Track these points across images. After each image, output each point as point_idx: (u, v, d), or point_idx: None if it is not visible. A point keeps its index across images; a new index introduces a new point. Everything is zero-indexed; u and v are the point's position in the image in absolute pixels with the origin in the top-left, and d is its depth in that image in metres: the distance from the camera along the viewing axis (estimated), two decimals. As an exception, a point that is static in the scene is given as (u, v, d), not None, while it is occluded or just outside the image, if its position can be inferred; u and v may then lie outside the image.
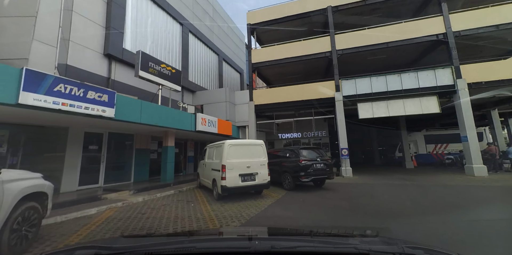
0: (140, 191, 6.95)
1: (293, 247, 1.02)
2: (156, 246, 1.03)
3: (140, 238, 1.42)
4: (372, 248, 0.91)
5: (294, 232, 1.74)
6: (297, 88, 11.98)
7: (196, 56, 13.39)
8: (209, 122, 9.48)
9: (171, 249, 0.96)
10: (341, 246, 1.05)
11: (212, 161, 6.48)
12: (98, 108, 5.18)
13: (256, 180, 5.68)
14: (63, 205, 5.06)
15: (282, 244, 1.04)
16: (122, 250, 0.91)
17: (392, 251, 0.86)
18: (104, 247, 0.95)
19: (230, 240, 1.26)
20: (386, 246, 1.01)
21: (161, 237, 1.44)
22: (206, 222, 3.91)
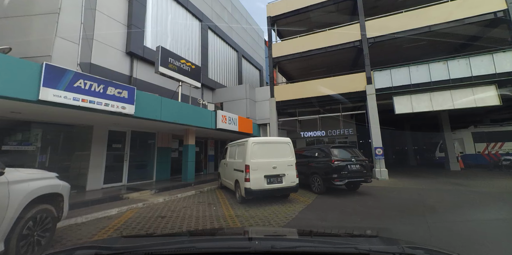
0: (161, 190, 6.76)
1: (293, 247, 1.01)
2: (156, 246, 1.02)
3: (140, 238, 1.38)
4: (372, 248, 0.90)
5: (294, 232, 1.74)
6: (322, 83, 11.05)
7: (215, 53, 13.13)
8: (229, 120, 9.08)
9: (171, 249, 0.94)
10: (341, 246, 1.04)
11: (234, 160, 6.01)
12: (118, 105, 4.99)
13: (283, 182, 5.07)
14: (86, 204, 4.97)
15: (282, 244, 1.03)
16: (122, 250, 0.90)
17: (392, 251, 0.85)
18: (104, 247, 0.94)
19: (230, 240, 1.24)
20: (386, 246, 1.00)
21: (161, 237, 1.41)
22: (230, 231, 3.41)
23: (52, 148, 6.05)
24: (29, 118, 5.48)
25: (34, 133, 5.74)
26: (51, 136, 6.11)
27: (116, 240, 1.24)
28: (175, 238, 1.31)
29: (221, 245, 1.07)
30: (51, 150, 5.99)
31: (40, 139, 5.87)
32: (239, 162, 5.44)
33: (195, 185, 8.03)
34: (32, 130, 5.72)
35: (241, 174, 5.13)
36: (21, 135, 5.53)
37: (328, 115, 11.25)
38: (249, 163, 4.94)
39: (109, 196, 5.58)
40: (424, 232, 3.17)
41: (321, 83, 11.07)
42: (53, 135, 6.16)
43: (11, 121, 5.31)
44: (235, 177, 5.58)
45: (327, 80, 11.02)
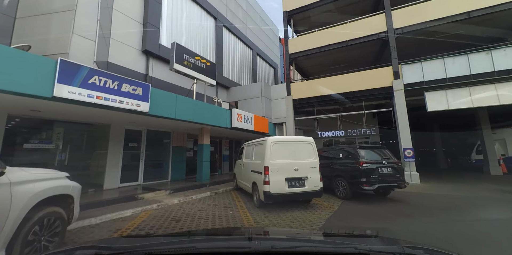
0: (176, 191, 6.57)
1: (293, 247, 0.99)
2: (156, 246, 1.01)
3: (140, 238, 1.37)
4: (372, 248, 0.89)
5: (294, 232, 1.76)
6: (343, 79, 10.34)
7: (229, 51, 12.90)
8: (245, 118, 8.74)
9: (171, 249, 0.93)
10: (341, 246, 1.03)
11: (251, 161, 5.64)
12: (132, 102, 4.83)
13: (305, 186, 4.59)
14: (102, 204, 4.86)
15: (282, 244, 1.02)
16: (122, 250, 0.89)
17: (392, 251, 0.84)
18: (104, 247, 0.93)
19: (230, 240, 1.21)
20: (386, 246, 1.00)
21: (161, 237, 1.39)
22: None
23: (72, 146, 6.09)
24: (49, 117, 5.53)
25: (54, 132, 5.80)
26: (71, 135, 6.15)
27: (116, 240, 1.21)
28: (175, 238, 1.29)
29: (221, 245, 1.05)
30: (70, 148, 6.03)
31: (60, 138, 5.93)
32: (257, 163, 5.05)
33: (210, 185, 7.78)
34: (52, 129, 5.78)
35: (259, 176, 4.74)
36: (42, 133, 5.60)
37: (349, 114, 10.51)
38: (268, 164, 4.53)
39: (124, 196, 5.47)
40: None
41: (341, 79, 10.37)
42: (73, 133, 6.21)
43: (32, 120, 5.38)
44: (253, 179, 5.20)
45: (349, 76, 10.29)
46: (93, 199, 5.11)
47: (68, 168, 5.92)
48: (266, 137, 4.91)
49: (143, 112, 5.11)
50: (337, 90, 10.32)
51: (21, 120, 5.17)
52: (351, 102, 10.65)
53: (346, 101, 10.48)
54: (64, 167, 5.84)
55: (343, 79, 10.33)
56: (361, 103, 10.61)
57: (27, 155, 5.20)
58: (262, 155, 4.76)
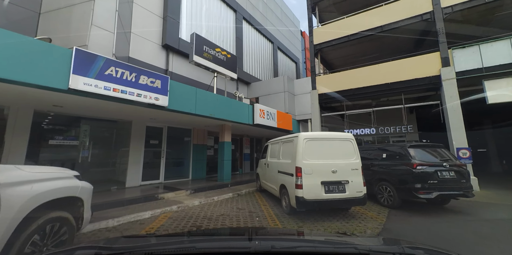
0: (197, 191, 6.21)
1: (293, 247, 0.99)
2: (156, 246, 1.00)
3: (140, 238, 1.33)
4: (372, 248, 0.89)
5: (294, 232, 1.71)
6: (377, 69, 9.16)
7: (250, 45, 12.35)
8: (267, 114, 8.13)
9: (171, 249, 0.92)
10: (341, 246, 1.02)
11: (277, 160, 5.01)
12: (150, 96, 4.49)
13: (346, 192, 3.83)
14: (122, 203, 4.62)
15: (282, 244, 1.01)
16: (122, 250, 0.87)
17: (392, 251, 0.83)
18: (104, 247, 0.93)
19: (230, 240, 1.20)
20: (386, 246, 0.99)
21: (161, 237, 1.35)
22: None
23: (95, 143, 6.03)
24: (73, 114, 5.48)
25: (79, 128, 5.76)
26: (95, 132, 6.10)
27: (116, 240, 1.16)
28: (175, 238, 1.27)
29: (221, 245, 1.03)
30: (93, 145, 5.97)
31: (86, 135, 5.89)
32: (286, 163, 4.40)
33: (231, 186, 7.33)
34: (76, 126, 5.74)
35: (290, 178, 4.09)
36: (67, 130, 5.58)
37: (386, 109, 9.29)
38: (301, 164, 3.86)
39: (144, 195, 5.20)
40: None
41: (375, 70, 9.20)
42: (97, 130, 6.15)
43: (58, 117, 5.36)
44: (281, 181, 4.56)
45: (384, 67, 9.09)
46: (114, 197, 4.91)
47: (91, 164, 5.87)
48: (296, 133, 4.23)
49: (162, 106, 4.76)
50: (370, 82, 9.19)
51: (47, 116, 5.16)
52: (387, 95, 9.43)
53: (380, 94, 9.30)
54: (88, 164, 5.78)
55: (378, 70, 9.15)
56: (398, 97, 9.34)
57: (52, 151, 5.18)
58: (293, 154, 4.09)
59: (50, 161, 5.12)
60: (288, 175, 4.20)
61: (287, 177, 4.24)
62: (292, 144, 4.26)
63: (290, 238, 1.32)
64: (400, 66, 8.71)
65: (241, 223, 3.74)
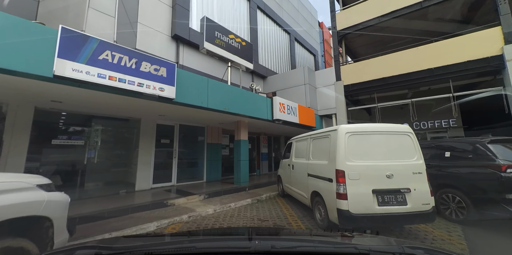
0: (211, 195, 5.49)
1: (293, 247, 0.99)
2: (156, 246, 0.99)
3: (140, 238, 1.30)
4: (372, 248, 0.88)
5: (294, 232, 1.71)
6: (418, 53, 7.80)
7: (265, 36, 11.47)
8: (288, 109, 7.20)
9: (171, 249, 0.92)
10: (341, 246, 1.03)
11: (306, 161, 4.09)
12: (154, 86, 3.81)
13: (407, 204, 2.82)
14: (127, 211, 4.02)
15: (282, 244, 1.01)
16: (122, 250, 0.87)
17: (392, 251, 0.84)
18: (104, 247, 0.91)
19: (230, 240, 1.18)
20: (386, 246, 0.99)
21: (161, 237, 1.35)
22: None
23: (102, 142, 5.56)
24: (75, 111, 5.02)
25: (84, 127, 5.31)
26: (101, 130, 5.64)
27: (116, 240, 1.17)
28: (175, 238, 1.26)
29: (221, 245, 1.02)
30: (100, 145, 5.51)
31: (95, 134, 5.44)
32: (320, 164, 3.48)
33: (249, 189, 6.53)
34: (82, 124, 5.30)
35: (326, 184, 3.16)
36: (71, 128, 5.14)
37: (430, 99, 7.86)
38: (343, 167, 2.91)
39: (153, 201, 4.58)
40: None
41: (415, 54, 7.84)
42: (103, 129, 5.69)
43: (61, 114, 4.93)
44: (312, 187, 3.65)
45: (427, 49, 7.71)
46: (119, 203, 4.34)
47: (99, 166, 5.40)
48: (334, 126, 3.28)
49: (169, 99, 4.07)
50: (408, 68, 7.87)
51: (49, 114, 4.74)
52: (429, 83, 8.01)
53: (421, 83, 7.91)
54: (94, 165, 5.32)
55: (418, 53, 7.79)
56: (442, 85, 7.90)
57: (54, 152, 4.75)
58: (331, 153, 3.16)
59: (53, 162, 4.70)
60: (324, 180, 3.27)
61: (322, 183, 3.31)
62: (328, 140, 3.32)
63: (290, 238, 1.30)
64: (447, 47, 7.30)
65: (266, 243, 2.90)
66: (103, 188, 5.37)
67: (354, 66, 9.51)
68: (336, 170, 2.96)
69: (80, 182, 5.08)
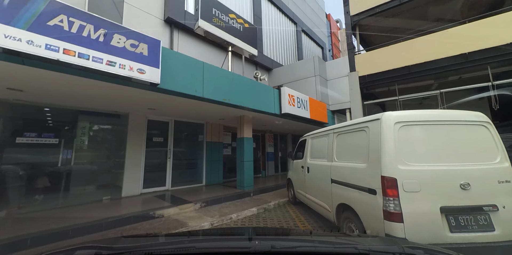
0: (209, 203, 4.62)
1: (293, 247, 0.98)
2: (156, 246, 0.99)
3: (140, 238, 1.26)
4: (372, 248, 0.88)
5: (294, 232, 1.72)
6: (447, 36, 6.73)
7: (270, 26, 10.53)
8: (298, 101, 6.27)
9: (171, 249, 0.92)
10: (341, 246, 1.02)
11: (330, 163, 3.17)
12: (131, 66, 2.94)
13: (495, 229, 1.87)
14: (99, 227, 3.18)
15: (282, 244, 1.00)
16: (122, 250, 0.88)
17: (392, 251, 0.84)
18: (104, 247, 0.91)
19: (230, 240, 1.17)
20: (386, 246, 0.99)
21: (161, 237, 1.28)
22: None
23: (81, 141, 4.75)
24: (44, 103, 4.21)
25: (58, 123, 4.50)
26: (80, 127, 4.82)
27: (116, 240, 1.11)
28: (175, 238, 1.25)
29: (221, 245, 1.01)
30: (79, 144, 4.69)
31: (67, 131, 4.63)
32: (354, 168, 2.54)
33: (254, 194, 5.63)
34: (54, 119, 4.49)
35: (364, 197, 2.24)
36: (41, 124, 4.34)
37: (463, 88, 6.77)
38: (395, 173, 1.98)
39: (136, 212, 3.72)
40: None
41: (444, 38, 6.78)
42: (83, 125, 4.87)
43: (27, 107, 4.13)
44: (340, 198, 2.72)
45: (458, 31, 6.64)
46: (94, 215, 3.50)
47: (77, 168, 4.58)
48: (375, 114, 2.33)
49: (152, 84, 3.19)
50: (435, 55, 6.82)
51: (13, 107, 3.94)
52: (461, 72, 6.94)
53: (452, 71, 6.84)
54: (71, 168, 4.51)
55: (446, 38, 6.72)
56: (477, 73, 6.82)
57: (19, 152, 3.94)
58: (373, 153, 2.22)
59: (16, 164, 3.89)
60: (359, 190, 2.35)
61: (357, 194, 2.38)
62: (366, 134, 2.39)
63: (290, 238, 1.28)
64: (485, 28, 6.22)
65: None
66: (82, 195, 4.56)
67: (371, 54, 8.47)
68: (383, 177, 2.02)
69: (53, 187, 4.28)
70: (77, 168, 4.57)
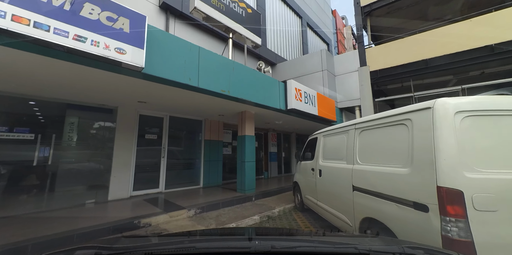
0: (205, 209, 4.06)
1: (293, 247, 0.97)
2: (156, 246, 0.99)
3: (140, 238, 1.28)
4: (372, 248, 0.87)
5: (294, 232, 1.72)
6: (473, 26, 6.10)
7: (274, 18, 9.95)
8: (305, 97, 5.69)
9: (171, 249, 0.91)
10: (341, 246, 1.00)
11: (350, 166, 2.59)
12: (107, 44, 2.39)
13: None
14: (69, 239, 2.63)
15: (282, 244, 0.98)
16: (122, 250, 0.86)
17: (392, 251, 0.83)
18: (105, 247, 0.90)
19: (230, 240, 1.16)
20: (386, 246, 0.97)
21: (161, 237, 1.34)
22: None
23: (61, 137, 4.21)
24: (16, 93, 3.69)
25: (35, 116, 3.97)
26: (59, 121, 4.29)
27: (117, 240, 1.08)
28: (175, 238, 1.23)
29: (221, 245, 1.00)
30: (59, 141, 4.16)
31: (46, 125, 4.10)
32: (388, 173, 1.96)
33: (256, 199, 5.07)
34: (29, 111, 3.96)
35: (405, 213, 1.67)
36: (13, 118, 3.81)
37: (486, 84, 6.13)
38: (458, 183, 1.39)
39: (119, 220, 3.18)
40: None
41: (470, 27, 6.14)
42: (62, 119, 4.34)
43: (12, 100, 3.61)
44: (366, 210, 2.15)
45: (485, 20, 6.00)
46: (67, 222, 2.97)
47: (56, 168, 4.05)
48: (423, 103, 1.74)
49: (134, 67, 2.63)
50: (457, 47, 6.19)
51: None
52: (487, 65, 6.29)
53: (479, 63, 6.19)
54: (50, 167, 3.98)
55: (472, 27, 6.08)
56: (501, 68, 6.18)
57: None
58: (421, 154, 1.63)
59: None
60: (398, 203, 1.76)
61: (394, 208, 1.80)
62: (406, 129, 1.80)
63: (290, 238, 1.27)
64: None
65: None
66: (61, 198, 4.02)
67: (384, 47, 7.84)
68: (440, 188, 1.44)
69: (28, 189, 3.76)
70: (57, 167, 4.03)
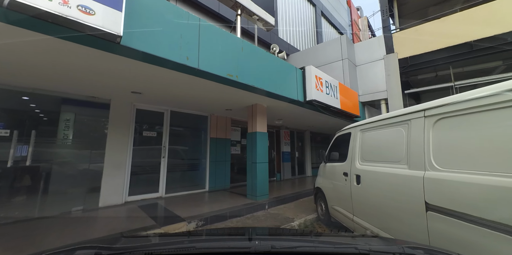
0: (209, 221, 3.33)
1: (293, 247, 0.96)
2: (156, 246, 0.99)
3: (140, 238, 1.27)
4: (372, 248, 0.88)
5: (294, 232, 1.71)
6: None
7: (286, 6, 9.10)
8: (327, 86, 4.83)
9: (171, 249, 0.90)
10: (341, 246, 1.01)
11: (422, 172, 1.76)
12: (66, 0, 1.69)
13: None
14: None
15: (282, 244, 0.97)
16: (122, 250, 0.86)
17: (392, 251, 0.83)
18: (105, 247, 0.89)
19: (230, 240, 1.15)
20: (386, 246, 0.98)
21: (161, 237, 1.31)
22: None
23: (42, 135, 3.63)
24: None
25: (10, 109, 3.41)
26: (38, 116, 3.72)
27: (117, 240, 1.08)
28: (175, 238, 1.22)
29: (221, 245, 1.00)
30: (38, 137, 3.58)
31: (23, 120, 3.54)
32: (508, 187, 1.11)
33: (270, 207, 4.29)
34: (4, 104, 3.40)
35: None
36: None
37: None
38: None
39: (100, 237, 2.51)
40: None
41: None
42: (43, 113, 3.77)
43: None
44: (458, 246, 1.29)
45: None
46: (29, 242, 2.33)
47: (36, 170, 3.47)
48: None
49: (108, 33, 1.93)
50: (505, 27, 5.10)
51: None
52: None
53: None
54: (28, 169, 3.40)
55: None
56: None
57: None
58: None
59: None
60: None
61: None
62: None
63: (290, 238, 1.27)
64: None
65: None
66: (44, 205, 3.44)
67: (416, 30, 6.77)
68: None
69: (9, 193, 3.20)
70: (39, 169, 3.46)
